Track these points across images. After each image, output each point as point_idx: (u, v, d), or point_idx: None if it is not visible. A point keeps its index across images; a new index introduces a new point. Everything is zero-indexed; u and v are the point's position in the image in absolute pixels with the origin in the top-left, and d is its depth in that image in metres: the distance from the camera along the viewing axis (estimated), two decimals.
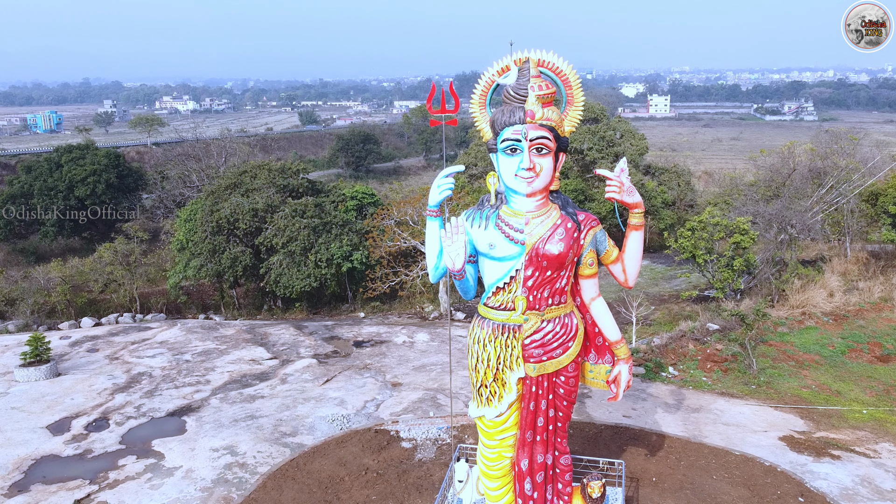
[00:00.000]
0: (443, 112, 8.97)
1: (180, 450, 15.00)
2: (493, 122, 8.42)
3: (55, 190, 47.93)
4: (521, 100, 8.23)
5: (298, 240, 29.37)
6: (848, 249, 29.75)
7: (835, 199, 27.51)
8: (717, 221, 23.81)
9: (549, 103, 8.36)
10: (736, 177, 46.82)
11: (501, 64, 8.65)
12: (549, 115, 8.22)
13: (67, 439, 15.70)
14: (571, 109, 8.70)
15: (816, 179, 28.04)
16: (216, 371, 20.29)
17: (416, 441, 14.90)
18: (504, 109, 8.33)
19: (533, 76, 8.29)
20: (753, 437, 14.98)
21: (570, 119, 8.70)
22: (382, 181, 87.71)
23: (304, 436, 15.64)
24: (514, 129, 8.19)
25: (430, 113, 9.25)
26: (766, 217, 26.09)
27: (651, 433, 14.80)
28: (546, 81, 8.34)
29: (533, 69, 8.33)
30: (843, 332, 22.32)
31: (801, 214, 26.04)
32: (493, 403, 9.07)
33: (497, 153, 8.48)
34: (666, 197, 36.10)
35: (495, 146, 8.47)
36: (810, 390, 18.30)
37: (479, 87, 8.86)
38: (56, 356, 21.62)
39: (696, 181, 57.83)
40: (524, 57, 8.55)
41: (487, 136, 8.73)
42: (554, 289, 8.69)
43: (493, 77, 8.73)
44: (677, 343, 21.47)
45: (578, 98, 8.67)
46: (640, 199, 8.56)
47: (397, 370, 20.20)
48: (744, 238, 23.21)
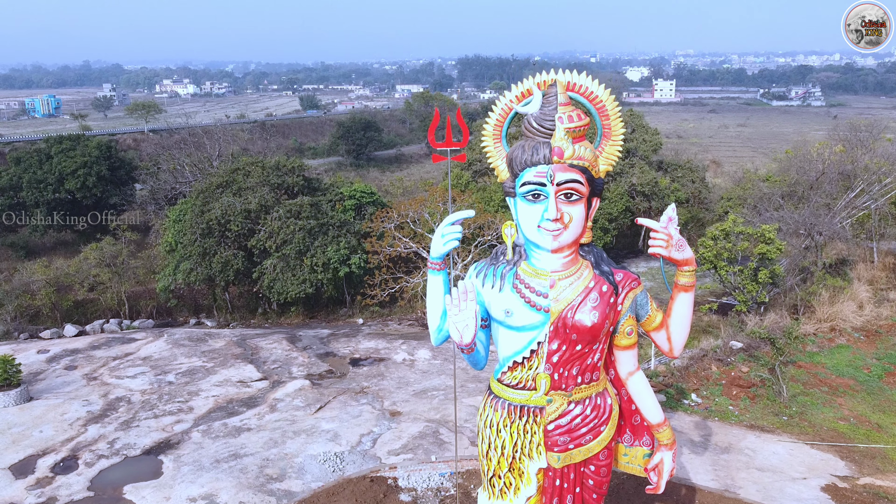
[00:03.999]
0: (448, 146, 7.25)
1: (154, 499, 13.48)
2: (512, 160, 6.72)
3: (45, 182, 46.30)
4: (547, 134, 6.53)
5: (293, 243, 27.78)
6: (875, 254, 28.06)
7: (864, 203, 25.82)
8: (742, 230, 22.12)
9: (581, 137, 6.66)
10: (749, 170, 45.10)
11: (521, 88, 6.95)
12: (581, 153, 6.52)
13: (31, 484, 14.19)
14: (608, 144, 7.01)
15: (845, 182, 26.32)
16: (200, 396, 18.76)
17: (417, 492, 13.36)
18: (525, 145, 6.63)
19: (561, 104, 6.58)
20: (793, 488, 13.42)
21: (607, 156, 7.01)
22: (384, 169, 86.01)
23: (292, 480, 14.12)
24: (538, 170, 6.50)
25: (433, 147, 7.50)
26: (793, 224, 24.40)
27: (680, 485, 13.23)
28: (578, 111, 6.63)
29: (561, 95, 6.62)
30: (878, 351, 20.73)
31: (829, 221, 24.37)
32: (508, 496, 7.47)
33: (515, 198, 6.81)
34: (680, 195, 34.40)
35: (513, 190, 6.79)
36: (848, 423, 16.73)
37: (494, 116, 7.16)
38: (29, 376, 20.14)
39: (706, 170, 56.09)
40: (550, 79, 6.85)
41: (504, 177, 7.04)
42: (584, 365, 7.06)
43: (510, 104, 7.04)
44: (699, 364, 19.88)
45: (617, 130, 6.97)
46: (692, 254, 6.88)
47: (396, 395, 18.66)
48: (770, 249, 21.53)
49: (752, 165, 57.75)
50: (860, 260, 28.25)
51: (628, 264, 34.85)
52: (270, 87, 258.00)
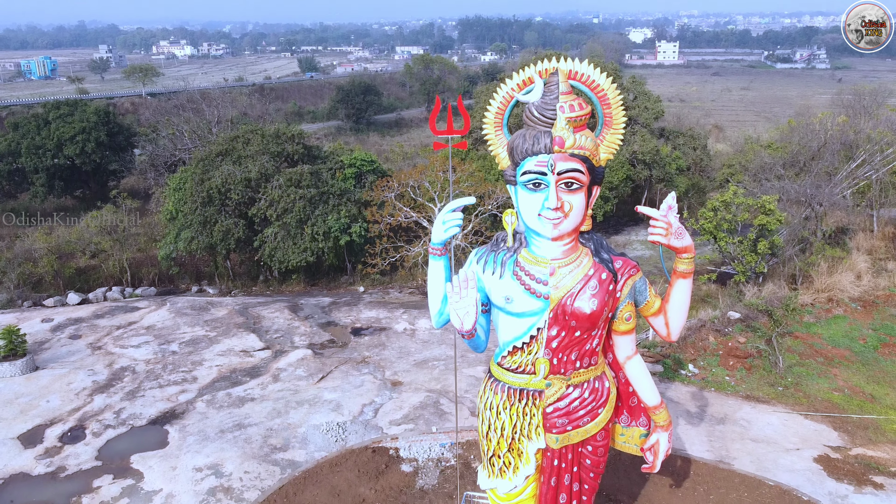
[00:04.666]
0: (449, 133, 7.26)
1: (161, 468, 13.78)
2: (513, 149, 6.76)
3: (43, 148, 46.08)
4: (548, 123, 6.56)
5: (294, 212, 27.80)
6: (875, 224, 28.10)
7: (866, 173, 25.77)
8: (742, 201, 22.12)
9: (582, 127, 6.69)
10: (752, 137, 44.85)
11: (522, 76, 6.94)
12: (582, 143, 6.56)
13: (40, 453, 14.48)
14: (609, 133, 7.04)
15: (846, 152, 26.21)
16: (204, 365, 19.00)
17: (418, 462, 13.65)
18: (526, 134, 6.66)
19: (563, 93, 6.59)
20: (786, 459, 13.70)
21: (608, 145, 7.05)
22: (384, 134, 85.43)
23: (295, 450, 14.40)
24: (539, 160, 6.54)
25: (434, 134, 7.52)
26: (793, 194, 24.40)
27: (675, 456, 13.49)
28: (579, 100, 6.64)
29: (562, 84, 6.63)
30: (874, 322, 20.91)
31: (829, 192, 24.37)
32: (507, 475, 7.69)
33: (516, 187, 6.86)
34: (681, 163, 34.26)
35: (514, 178, 6.84)
36: (842, 394, 16.98)
37: (495, 104, 7.17)
38: (34, 345, 20.36)
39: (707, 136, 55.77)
40: (551, 67, 6.85)
41: (504, 165, 7.09)
42: (583, 351, 7.19)
43: (511, 92, 7.04)
44: (697, 335, 20.08)
45: (619, 119, 6.99)
46: (691, 241, 6.97)
47: (397, 365, 18.89)
48: (770, 220, 21.56)
49: (755, 131, 57.46)
50: (860, 229, 28.31)
51: (628, 232, 34.99)
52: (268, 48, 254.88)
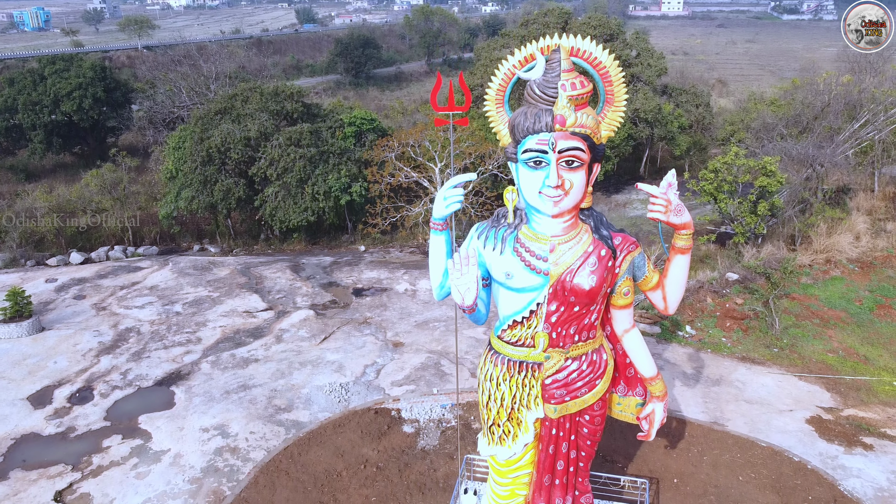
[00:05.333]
0: (450, 109, 7.27)
1: (168, 429, 14.12)
2: (514, 126, 6.78)
3: (40, 105, 45.60)
4: (549, 101, 6.57)
5: (294, 171, 27.73)
6: (876, 183, 28.06)
7: (869, 133, 25.59)
8: (743, 163, 22.05)
9: (584, 104, 6.70)
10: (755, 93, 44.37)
11: (524, 53, 6.91)
12: (584, 121, 6.58)
13: (49, 414, 14.81)
14: (611, 110, 7.05)
15: (850, 112, 25.97)
16: (208, 326, 19.25)
17: (419, 423, 13.97)
18: (527, 112, 6.67)
19: (564, 70, 6.58)
20: (779, 420, 14.01)
21: (609, 122, 7.06)
22: (383, 88, 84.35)
23: (299, 411, 14.72)
24: (540, 138, 6.58)
25: (436, 111, 7.52)
26: (795, 155, 24.31)
27: (671, 418, 13.81)
28: (581, 78, 6.64)
29: (564, 61, 6.61)
30: (871, 283, 21.08)
31: (831, 152, 24.27)
32: (507, 443, 7.93)
33: (517, 164, 6.90)
34: (683, 121, 33.98)
35: (515, 156, 6.88)
36: (836, 355, 17.25)
37: (496, 81, 7.16)
38: (40, 306, 20.59)
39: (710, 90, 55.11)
40: (553, 44, 6.81)
41: (506, 142, 7.11)
42: (582, 325, 7.34)
43: (512, 69, 7.02)
44: (695, 296, 20.28)
45: (620, 96, 6.99)
46: (690, 218, 7.05)
47: (399, 326, 19.13)
48: (771, 182, 21.54)
49: (759, 87, 56.79)
50: (861, 189, 28.28)
51: (629, 191, 34.93)
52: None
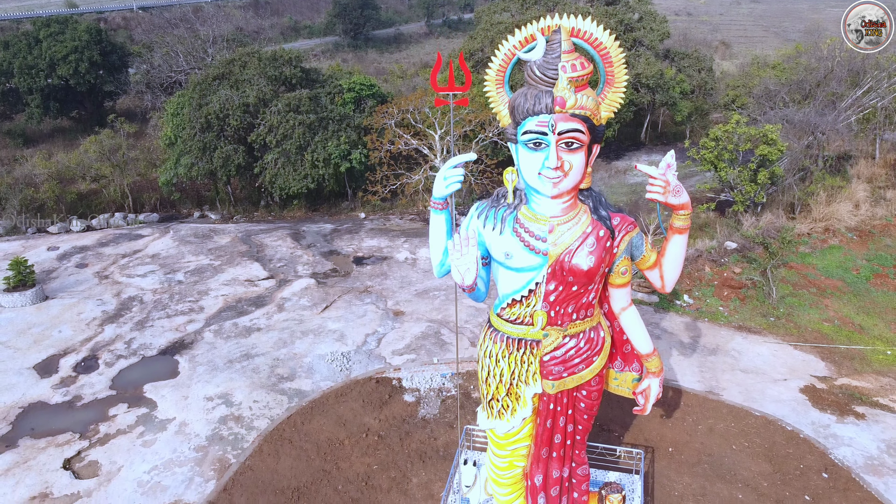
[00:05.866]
0: (451, 90, 7.26)
1: (173, 398, 14.37)
2: (514, 108, 6.80)
3: (36, 68, 45.09)
4: (550, 82, 6.58)
5: (293, 138, 27.59)
6: (878, 151, 27.96)
7: (871, 100, 25.42)
8: (744, 131, 21.95)
9: (584, 86, 6.71)
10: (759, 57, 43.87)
11: (524, 34, 6.89)
12: (584, 103, 6.60)
13: (56, 383, 15.05)
14: (611, 91, 7.05)
15: (853, 78, 25.74)
16: (210, 295, 19.40)
17: (420, 392, 14.21)
18: (528, 94, 6.68)
19: (565, 52, 6.57)
20: (774, 389, 14.26)
21: (609, 103, 7.07)
22: (382, 51, 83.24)
23: (302, 380, 14.96)
24: (540, 119, 6.60)
25: (436, 91, 7.52)
26: (797, 123, 24.18)
27: (667, 387, 14.05)
28: (581, 59, 6.63)
29: (565, 42, 6.60)
30: (869, 252, 21.19)
31: (833, 120, 24.14)
32: (506, 417, 8.11)
33: (517, 145, 6.94)
34: (685, 86, 33.69)
35: (515, 137, 6.91)
36: (832, 324, 17.44)
37: (496, 62, 7.14)
38: (42, 274, 20.73)
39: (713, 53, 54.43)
40: (554, 25, 6.79)
41: (506, 122, 7.13)
42: (580, 304, 7.46)
43: (512, 49, 7.00)
44: (693, 265, 20.41)
45: (620, 77, 6.98)
46: (688, 199, 7.11)
47: (399, 295, 19.30)
48: (772, 150, 21.47)
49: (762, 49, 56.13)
50: (862, 156, 28.19)
51: (629, 157, 34.80)
52: None
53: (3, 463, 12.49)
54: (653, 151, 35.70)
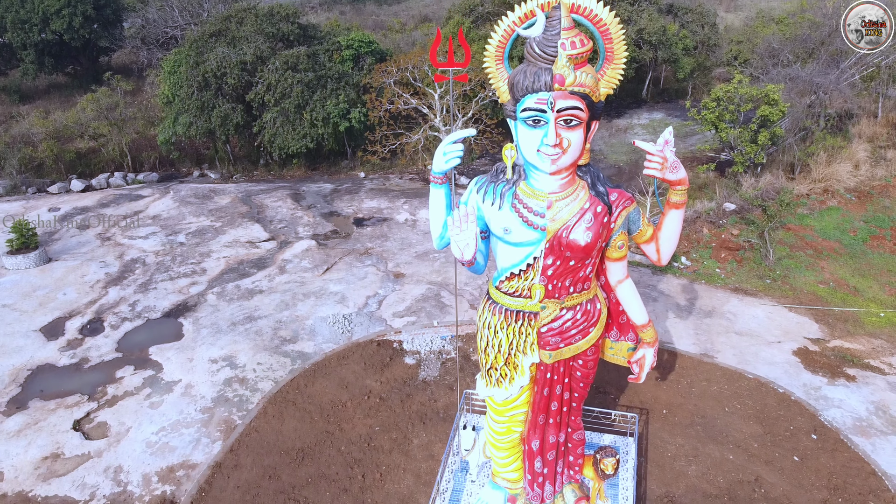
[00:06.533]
0: (450, 66, 7.26)
1: (178, 360, 14.66)
2: (513, 85, 6.82)
3: (29, 23, 44.39)
4: (549, 60, 6.59)
5: (292, 96, 27.39)
6: (880, 109, 27.76)
7: (875, 58, 25.13)
8: (746, 91, 21.79)
9: (584, 63, 6.72)
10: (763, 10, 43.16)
11: (523, 9, 6.86)
12: (583, 80, 6.62)
13: (62, 345, 15.33)
14: (610, 68, 7.06)
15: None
16: (212, 257, 19.57)
17: (420, 355, 14.49)
18: (527, 71, 6.70)
19: (564, 28, 6.57)
20: (767, 352, 14.53)
21: (608, 80, 7.08)
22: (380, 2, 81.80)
23: (304, 342, 15.24)
24: (539, 97, 6.64)
25: (435, 66, 7.52)
26: (799, 82, 23.97)
27: (662, 350, 14.31)
28: (581, 36, 6.63)
29: (564, 18, 6.59)
30: (867, 213, 21.28)
31: (836, 78, 23.93)
32: (504, 385, 8.34)
33: (516, 122, 6.99)
34: (687, 42, 33.23)
35: (514, 113, 6.96)
36: (827, 287, 17.65)
37: (495, 38, 7.12)
38: (45, 236, 20.86)
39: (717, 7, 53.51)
40: (553, 0, 6.76)
41: (505, 98, 7.16)
42: (577, 277, 7.61)
43: (512, 25, 6.98)
44: (691, 227, 20.52)
45: (620, 53, 6.99)
46: (685, 174, 7.19)
47: (399, 257, 19.47)
48: (773, 111, 21.36)
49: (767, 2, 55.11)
50: (864, 115, 28.00)
51: (630, 115, 34.56)
52: None
53: (14, 424, 12.83)
54: (654, 109, 35.45)
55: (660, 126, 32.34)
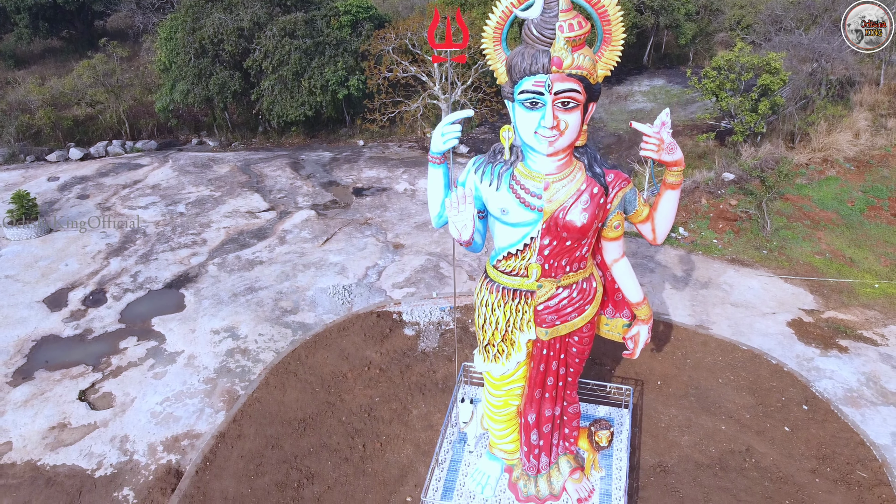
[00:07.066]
0: (448, 46, 7.26)
1: (180, 331, 14.85)
2: (511, 67, 6.85)
3: None
4: (547, 42, 6.60)
5: (290, 63, 27.16)
6: (882, 77, 27.58)
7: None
8: (747, 59, 21.63)
9: (581, 45, 6.74)
10: None
11: None
12: (581, 62, 6.65)
13: (66, 316, 15.51)
14: (608, 50, 7.07)
15: None
16: (212, 227, 19.66)
17: (419, 326, 14.68)
18: (524, 53, 6.71)
19: (562, 10, 6.56)
20: (762, 323, 14.73)
21: (606, 61, 7.11)
22: None
23: (305, 313, 15.43)
24: (536, 80, 6.67)
25: (433, 48, 7.51)
26: (801, 50, 23.78)
27: (658, 321, 14.51)
28: (579, 18, 6.63)
29: (563, 1, 6.58)
30: (865, 183, 21.31)
31: (839, 45, 23.72)
32: (501, 361, 8.52)
33: (514, 103, 7.03)
34: (690, 7, 32.83)
35: (512, 95, 6.99)
36: (823, 257, 17.78)
37: (493, 19, 7.12)
38: (45, 206, 20.91)
39: None
40: None
41: (503, 80, 7.19)
42: (573, 257, 7.72)
43: (510, 7, 6.97)
44: (690, 197, 20.58)
45: (618, 35, 7.00)
46: (681, 156, 7.25)
47: (399, 227, 19.55)
48: (774, 80, 21.24)
49: None
50: (866, 82, 27.82)
51: (630, 82, 34.29)
52: None
53: (21, 394, 13.07)
54: (655, 76, 35.17)
55: (660, 93, 32.13)
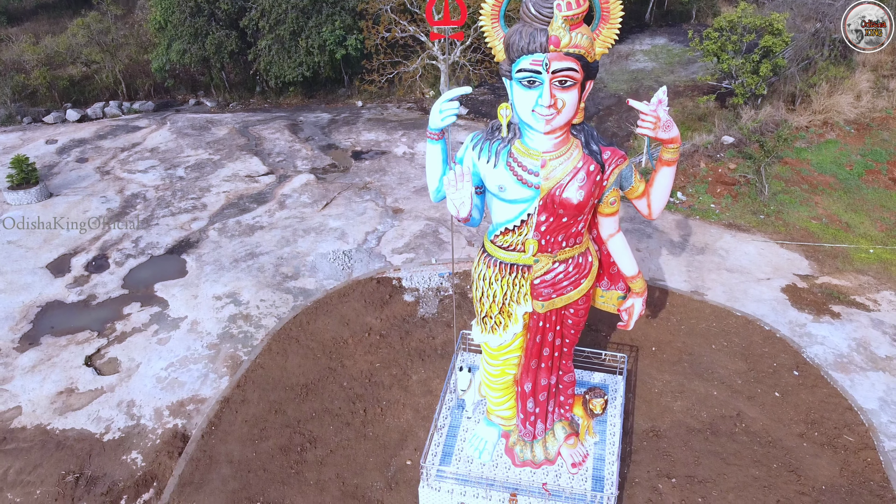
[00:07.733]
0: (446, 23, 7.24)
1: (183, 297, 15.05)
2: (509, 45, 6.86)
3: None
4: (545, 20, 6.60)
5: (286, 23, 26.84)
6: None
7: None
8: (749, 20, 21.37)
9: (579, 24, 6.74)
10: None
11: None
12: (578, 41, 6.66)
13: (69, 282, 15.69)
14: (606, 28, 7.06)
15: None
16: (212, 192, 19.71)
17: (419, 292, 14.88)
18: (522, 31, 6.72)
19: None
20: (756, 289, 14.92)
21: (604, 39, 7.10)
22: None
23: (305, 278, 15.61)
24: (534, 58, 6.69)
25: (431, 25, 7.48)
26: (805, 10, 23.48)
27: (654, 287, 14.70)
28: None
29: None
30: (864, 147, 21.28)
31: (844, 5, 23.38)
32: (498, 332, 8.71)
33: (511, 81, 7.06)
34: None
35: (509, 73, 7.01)
36: (819, 222, 17.90)
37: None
38: (44, 170, 20.92)
39: None
40: None
41: (501, 58, 7.20)
42: (569, 233, 7.85)
43: None
44: (689, 161, 20.58)
45: (615, 13, 6.99)
46: (677, 133, 7.31)
47: (398, 192, 19.61)
48: (776, 41, 21.02)
49: None
50: None
51: (632, 41, 33.85)
52: None
53: (28, 360, 13.33)
54: (657, 34, 34.69)
55: (662, 52, 31.77)
